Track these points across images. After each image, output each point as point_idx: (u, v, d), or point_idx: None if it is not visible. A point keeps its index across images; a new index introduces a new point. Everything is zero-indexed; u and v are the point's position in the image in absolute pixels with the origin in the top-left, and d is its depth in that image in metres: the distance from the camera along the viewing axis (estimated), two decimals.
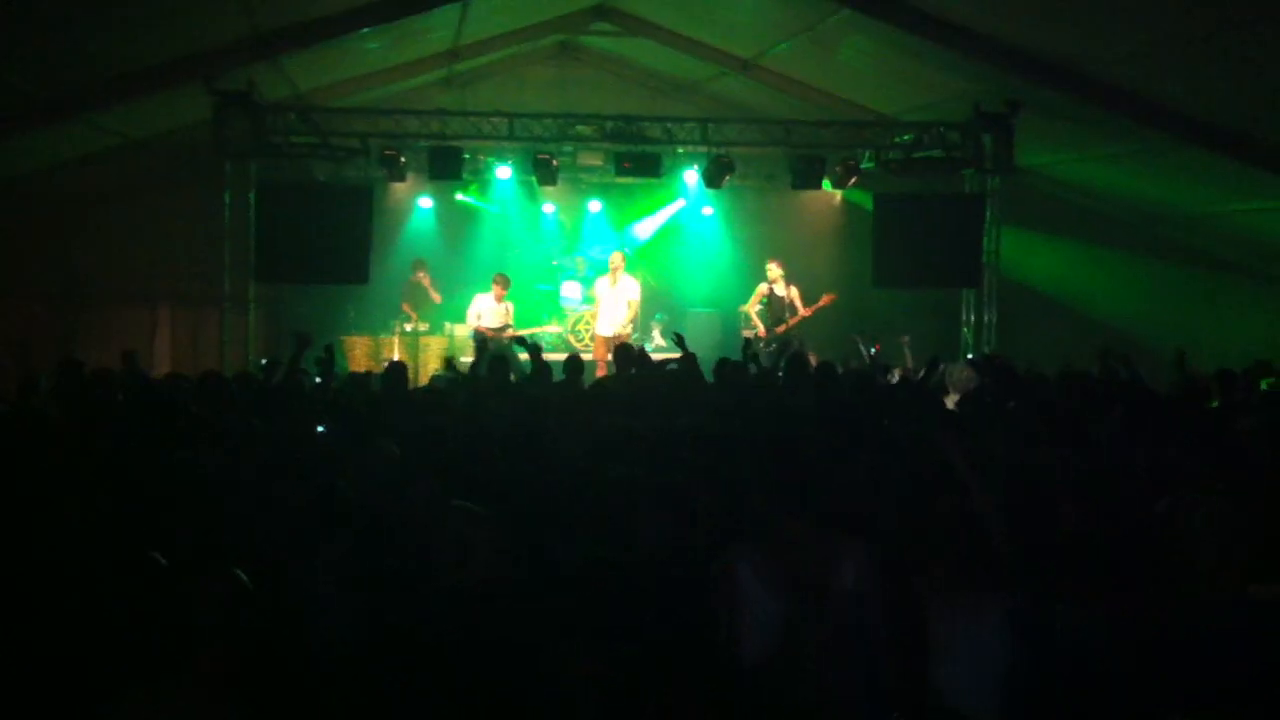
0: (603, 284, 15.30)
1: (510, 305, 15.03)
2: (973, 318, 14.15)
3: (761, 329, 14.27)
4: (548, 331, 16.53)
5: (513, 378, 9.51)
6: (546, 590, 4.28)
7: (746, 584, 4.00)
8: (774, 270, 14.67)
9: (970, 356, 11.38)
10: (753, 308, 14.53)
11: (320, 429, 7.31)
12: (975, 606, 3.97)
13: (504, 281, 14.87)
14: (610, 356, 12.17)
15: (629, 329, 14.87)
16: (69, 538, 4.50)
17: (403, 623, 4.06)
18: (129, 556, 4.28)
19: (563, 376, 9.18)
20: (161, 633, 3.61)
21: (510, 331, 14.68)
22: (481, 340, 14.07)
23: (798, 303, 14.45)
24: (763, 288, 14.67)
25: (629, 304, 14.90)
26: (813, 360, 10.29)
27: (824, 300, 14.49)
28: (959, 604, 3.98)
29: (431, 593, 4.30)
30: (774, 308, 14.41)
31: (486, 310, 14.77)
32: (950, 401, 8.62)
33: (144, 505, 4.91)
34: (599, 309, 15.27)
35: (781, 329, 14.19)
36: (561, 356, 14.06)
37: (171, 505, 4.94)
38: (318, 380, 9.35)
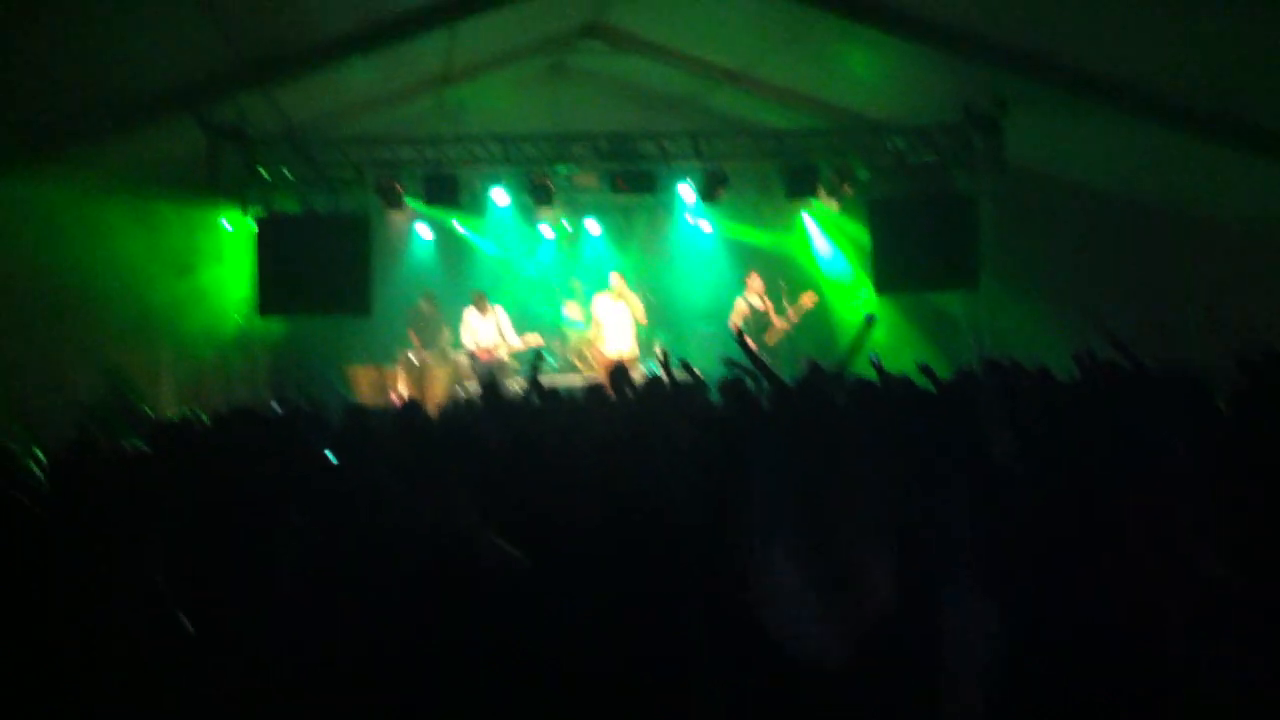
0: (603, 303, 15.34)
1: (498, 311, 15.26)
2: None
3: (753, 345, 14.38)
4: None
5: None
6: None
7: (788, 574, 3.95)
8: (754, 282, 14.95)
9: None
10: (734, 322, 14.63)
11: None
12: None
13: (480, 296, 15.23)
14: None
15: (633, 348, 15.03)
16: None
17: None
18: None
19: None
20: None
21: (505, 346, 14.86)
22: (483, 368, 14.30)
23: (773, 313, 14.74)
24: (740, 302, 14.90)
25: (632, 321, 15.01)
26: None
27: (804, 301, 14.76)
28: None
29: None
30: (756, 320, 14.60)
31: (477, 327, 15.02)
32: None
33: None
34: (602, 329, 15.34)
35: (769, 338, 14.38)
36: (564, 378, 14.32)
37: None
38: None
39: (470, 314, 15.11)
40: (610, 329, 15.19)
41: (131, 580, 4.35)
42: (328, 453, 7.43)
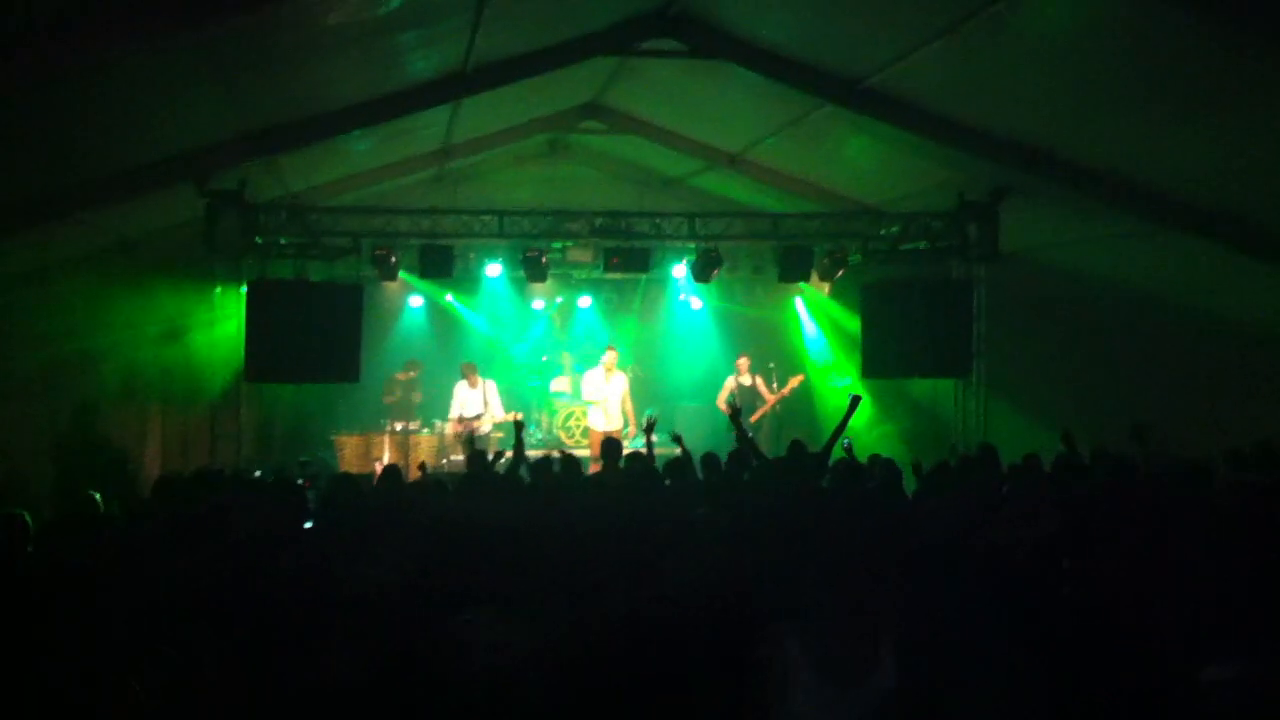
0: (594, 379, 15.40)
1: (490, 385, 15.30)
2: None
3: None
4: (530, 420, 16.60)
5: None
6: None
7: (797, 667, 3.92)
8: (743, 363, 15.42)
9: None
10: (722, 401, 14.78)
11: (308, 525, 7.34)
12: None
13: (471, 368, 15.31)
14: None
15: (623, 423, 15.13)
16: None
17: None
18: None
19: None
20: None
21: (490, 418, 14.89)
22: (469, 439, 14.29)
23: (763, 390, 15.08)
24: (730, 381, 15.30)
25: (623, 396, 15.12)
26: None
27: (792, 382, 15.06)
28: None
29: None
30: (744, 397, 14.77)
31: (465, 399, 15.12)
32: None
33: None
34: (591, 403, 15.42)
35: (755, 417, 14.55)
36: (550, 452, 14.29)
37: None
38: (300, 482, 9.49)
39: (459, 386, 15.17)
40: (599, 403, 15.27)
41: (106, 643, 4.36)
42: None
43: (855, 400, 10.10)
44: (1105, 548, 5.92)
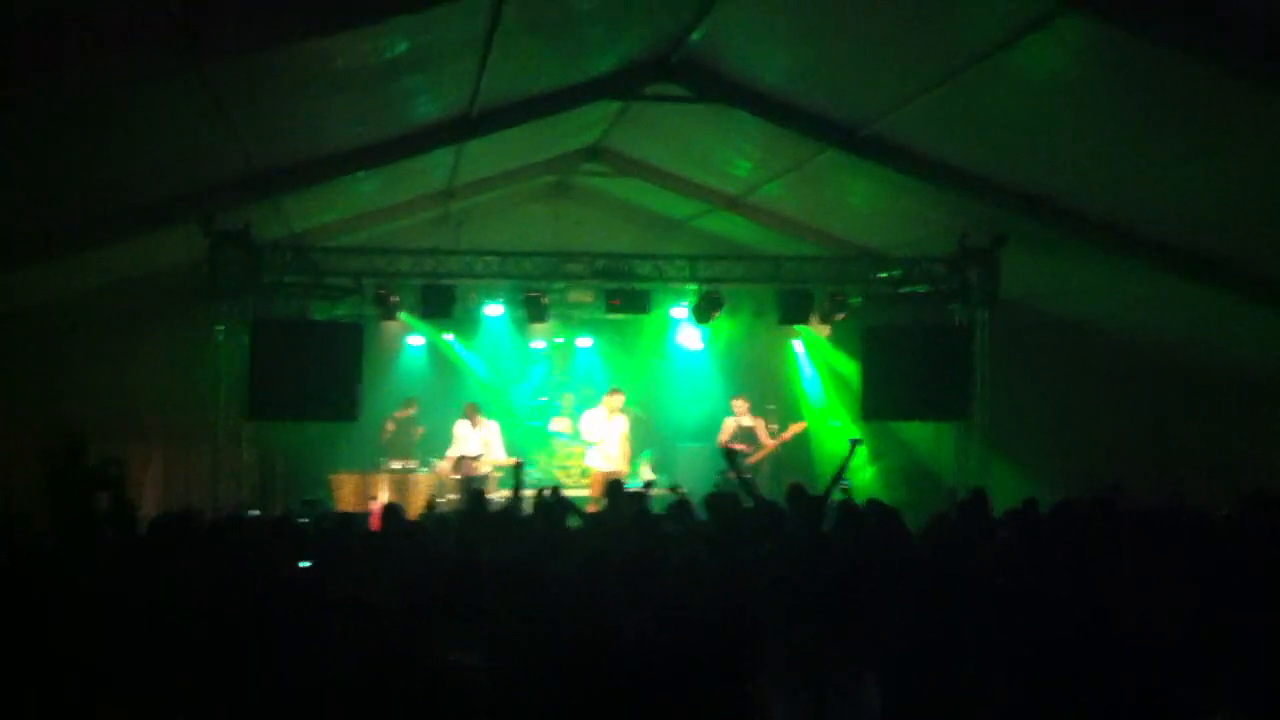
0: (595, 419, 15.39)
1: (492, 426, 15.39)
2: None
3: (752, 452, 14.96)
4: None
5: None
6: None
7: (775, 701, 3.94)
8: (740, 405, 15.43)
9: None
10: (725, 439, 14.80)
11: (305, 564, 7.34)
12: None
13: (473, 408, 15.39)
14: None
15: (624, 464, 15.12)
16: None
17: None
18: None
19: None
20: None
21: (491, 460, 15.09)
22: (467, 482, 14.33)
23: (762, 434, 15.17)
24: (729, 422, 15.34)
25: (623, 438, 15.11)
26: None
27: (794, 429, 15.27)
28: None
29: None
30: (743, 440, 14.91)
31: (466, 439, 15.19)
32: None
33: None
34: (591, 444, 15.41)
35: (754, 459, 14.52)
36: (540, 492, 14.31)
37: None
38: (304, 521, 9.53)
39: (461, 425, 15.16)
40: (600, 444, 15.26)
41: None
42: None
43: (854, 444, 10.20)
44: (1104, 561, 5.93)
